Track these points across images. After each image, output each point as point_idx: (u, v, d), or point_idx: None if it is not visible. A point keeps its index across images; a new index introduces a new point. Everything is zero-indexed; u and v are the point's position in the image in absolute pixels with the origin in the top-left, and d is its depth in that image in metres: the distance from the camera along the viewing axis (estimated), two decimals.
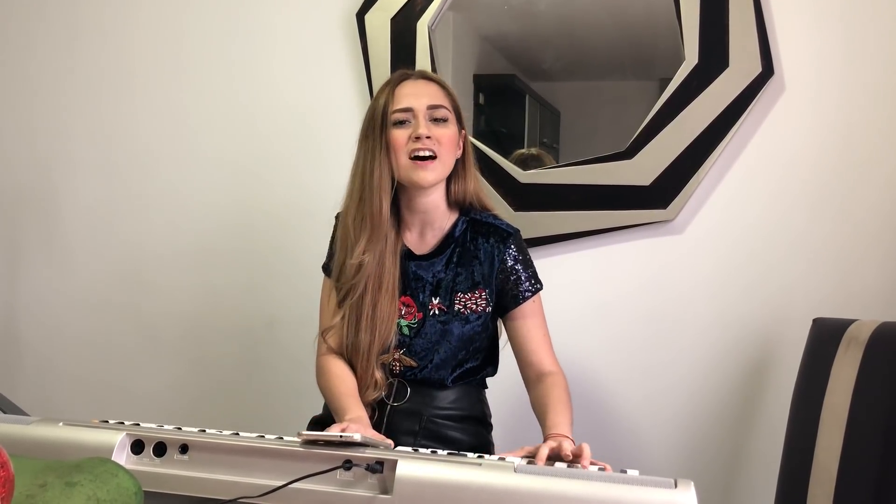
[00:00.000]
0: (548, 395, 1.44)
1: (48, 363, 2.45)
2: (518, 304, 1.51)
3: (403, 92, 1.48)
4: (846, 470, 1.40)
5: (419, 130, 1.44)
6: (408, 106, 1.46)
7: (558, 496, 0.92)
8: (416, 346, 1.50)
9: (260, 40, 2.23)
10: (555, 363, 1.51)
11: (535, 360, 1.50)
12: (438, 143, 1.45)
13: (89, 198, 2.39)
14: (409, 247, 1.54)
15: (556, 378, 1.47)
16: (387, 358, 1.50)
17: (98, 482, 0.88)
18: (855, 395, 1.42)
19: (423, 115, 1.46)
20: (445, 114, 1.48)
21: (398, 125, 1.46)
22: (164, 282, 2.33)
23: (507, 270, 1.51)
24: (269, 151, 2.23)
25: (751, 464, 1.91)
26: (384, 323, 1.48)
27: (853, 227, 1.84)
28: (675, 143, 1.88)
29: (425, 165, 1.44)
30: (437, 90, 1.50)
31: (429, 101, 1.47)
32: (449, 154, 1.48)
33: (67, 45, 2.40)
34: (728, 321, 1.92)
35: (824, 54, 1.84)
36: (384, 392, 1.51)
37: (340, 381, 1.49)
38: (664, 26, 1.90)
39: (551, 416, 1.38)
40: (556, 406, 1.40)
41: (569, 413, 1.40)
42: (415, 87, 1.49)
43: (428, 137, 1.44)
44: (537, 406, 1.46)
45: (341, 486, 0.99)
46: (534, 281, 1.53)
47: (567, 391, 1.46)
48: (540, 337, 1.52)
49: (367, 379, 1.49)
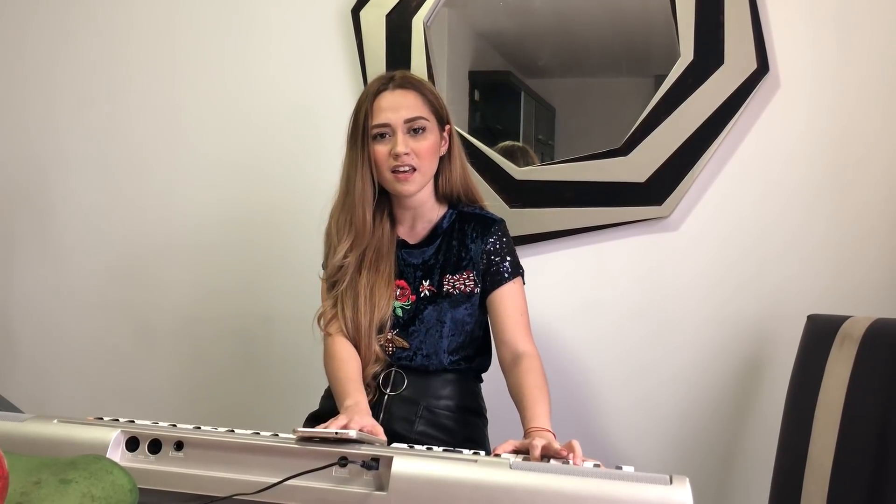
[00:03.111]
0: (524, 381, 1.44)
1: (42, 360, 2.45)
2: (497, 287, 1.55)
3: (381, 105, 1.52)
4: (840, 466, 1.41)
5: (397, 148, 1.50)
6: (385, 122, 1.51)
7: (554, 493, 0.92)
8: (408, 327, 1.55)
9: (255, 36, 2.22)
10: (529, 344, 1.52)
11: (509, 338, 1.52)
12: (417, 157, 1.51)
13: (83, 195, 2.39)
14: (402, 237, 1.61)
15: (531, 361, 1.48)
16: (380, 339, 1.54)
17: (93, 479, 0.88)
18: (849, 391, 1.43)
19: (401, 129, 1.51)
20: (423, 124, 1.53)
21: (378, 139, 1.52)
22: (158, 279, 2.33)
23: (489, 253, 1.56)
24: (264, 148, 2.23)
25: (745, 460, 1.91)
26: (382, 300, 1.54)
27: (848, 224, 1.84)
28: (670, 140, 1.88)
29: (406, 178, 1.52)
30: (414, 99, 1.54)
31: (406, 115, 1.51)
32: (429, 162, 1.54)
33: (61, 41, 2.39)
34: (723, 318, 1.92)
35: (819, 51, 1.84)
36: (382, 367, 1.54)
37: (344, 365, 1.52)
38: (659, 23, 1.90)
39: (529, 407, 1.39)
40: (532, 394, 1.41)
41: (546, 401, 1.41)
42: (392, 100, 1.53)
43: (406, 154, 1.50)
44: (514, 393, 1.47)
45: (337, 483, 0.99)
46: (515, 265, 1.57)
47: (542, 375, 1.46)
48: (517, 316, 1.54)
49: (369, 355, 1.54)
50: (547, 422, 1.36)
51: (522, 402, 1.42)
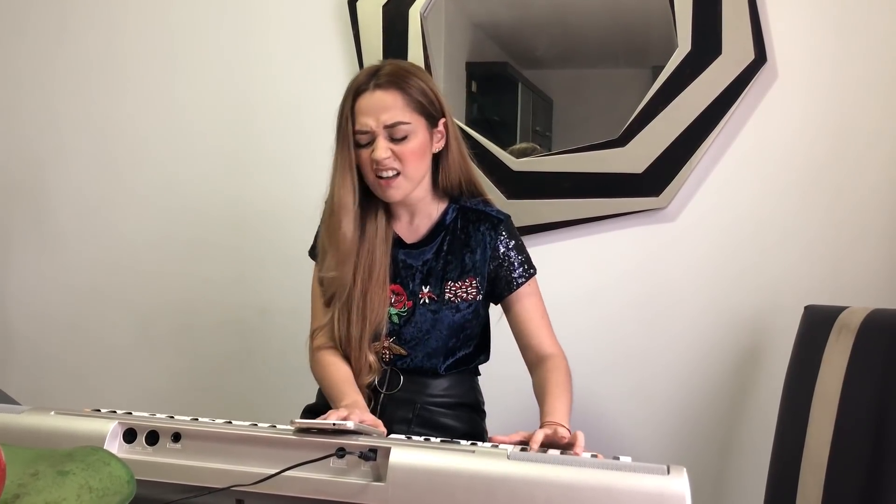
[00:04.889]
0: (547, 379, 1.43)
1: (39, 353, 2.45)
2: (513, 291, 1.52)
3: (361, 109, 1.43)
4: (837, 456, 1.41)
5: (377, 153, 1.41)
6: (366, 128, 1.42)
7: (551, 482, 0.92)
8: (405, 334, 1.51)
9: (251, 29, 2.22)
10: (554, 345, 1.51)
11: (534, 342, 1.51)
12: (401, 161, 1.43)
13: (80, 188, 2.38)
14: (400, 235, 1.54)
15: (556, 361, 1.47)
16: (377, 346, 1.50)
17: (90, 471, 0.88)
18: (846, 381, 1.43)
19: (382, 134, 1.42)
20: (404, 130, 1.43)
21: (361, 146, 1.44)
22: (155, 271, 2.33)
23: (499, 257, 1.51)
24: (261, 141, 2.22)
25: (743, 450, 1.92)
26: (375, 312, 1.48)
27: (846, 214, 1.84)
28: (667, 131, 1.88)
29: (389, 184, 1.44)
30: (396, 99, 1.43)
31: (386, 119, 1.42)
32: (415, 165, 1.45)
33: (56, 35, 2.38)
34: (720, 308, 1.92)
35: (817, 41, 1.84)
36: (377, 377, 1.51)
37: (336, 369, 1.49)
38: (657, 14, 1.90)
39: (548, 402, 1.38)
40: (553, 391, 1.40)
41: (566, 398, 1.40)
42: (371, 103, 1.42)
43: (388, 158, 1.42)
44: (537, 391, 1.46)
45: (335, 474, 0.99)
46: (527, 266, 1.53)
47: (567, 374, 1.46)
48: (537, 319, 1.52)
49: (361, 363, 1.49)
50: (564, 418, 1.34)
51: (543, 398, 1.41)
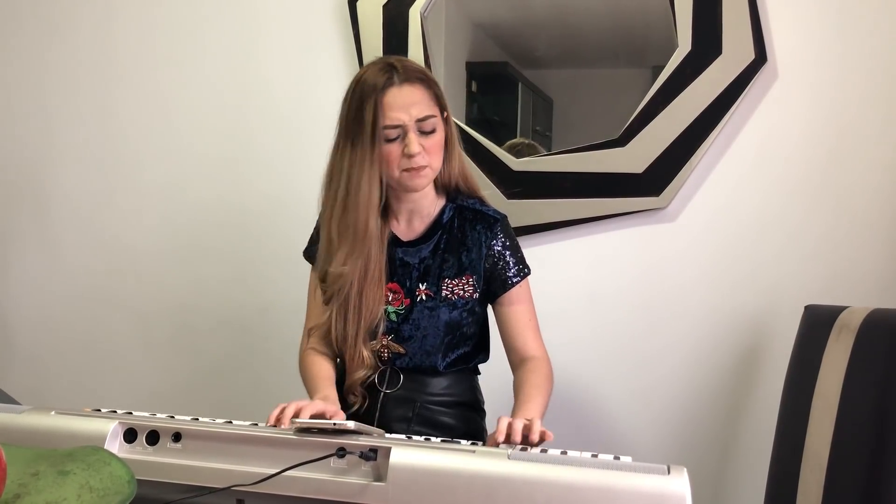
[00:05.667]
0: (525, 381, 1.45)
1: (40, 353, 2.45)
2: (506, 290, 1.52)
3: (391, 104, 1.42)
4: (837, 456, 1.41)
5: (412, 149, 1.42)
6: (398, 123, 1.42)
7: (552, 482, 0.92)
8: (403, 331, 1.51)
9: (251, 28, 2.21)
10: (539, 348, 1.52)
11: (519, 344, 1.52)
12: (428, 154, 1.44)
13: (78, 188, 2.38)
14: (396, 234, 1.54)
15: (537, 363, 1.49)
16: (375, 345, 1.51)
17: (91, 471, 0.88)
18: (846, 381, 1.43)
19: (413, 129, 1.43)
20: (432, 123, 1.44)
21: (390, 141, 1.43)
22: (155, 271, 2.33)
23: (494, 256, 1.52)
24: (260, 140, 2.22)
25: (743, 450, 1.92)
26: (370, 309, 1.49)
27: (847, 215, 1.84)
28: (667, 131, 1.88)
29: (418, 173, 1.44)
30: (422, 94, 1.45)
31: (417, 114, 1.42)
32: (438, 157, 1.47)
33: (53, 35, 2.38)
34: (720, 308, 1.92)
35: (817, 41, 1.84)
36: (372, 372, 1.52)
37: (318, 368, 1.53)
38: (657, 13, 1.90)
39: (522, 402, 1.40)
40: (528, 390, 1.42)
41: (541, 397, 1.41)
42: (401, 97, 1.43)
43: (419, 153, 1.43)
44: (515, 391, 1.47)
45: (335, 474, 0.99)
46: (521, 266, 1.54)
47: (546, 376, 1.47)
48: (525, 321, 1.53)
49: (356, 359, 1.50)
50: (534, 412, 1.36)
51: (518, 398, 1.43)
